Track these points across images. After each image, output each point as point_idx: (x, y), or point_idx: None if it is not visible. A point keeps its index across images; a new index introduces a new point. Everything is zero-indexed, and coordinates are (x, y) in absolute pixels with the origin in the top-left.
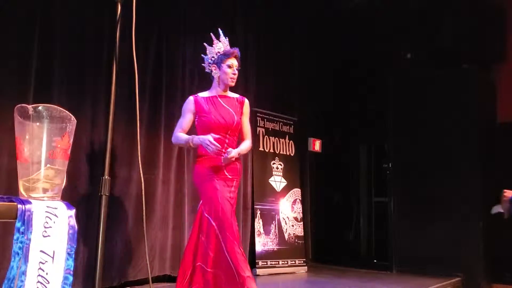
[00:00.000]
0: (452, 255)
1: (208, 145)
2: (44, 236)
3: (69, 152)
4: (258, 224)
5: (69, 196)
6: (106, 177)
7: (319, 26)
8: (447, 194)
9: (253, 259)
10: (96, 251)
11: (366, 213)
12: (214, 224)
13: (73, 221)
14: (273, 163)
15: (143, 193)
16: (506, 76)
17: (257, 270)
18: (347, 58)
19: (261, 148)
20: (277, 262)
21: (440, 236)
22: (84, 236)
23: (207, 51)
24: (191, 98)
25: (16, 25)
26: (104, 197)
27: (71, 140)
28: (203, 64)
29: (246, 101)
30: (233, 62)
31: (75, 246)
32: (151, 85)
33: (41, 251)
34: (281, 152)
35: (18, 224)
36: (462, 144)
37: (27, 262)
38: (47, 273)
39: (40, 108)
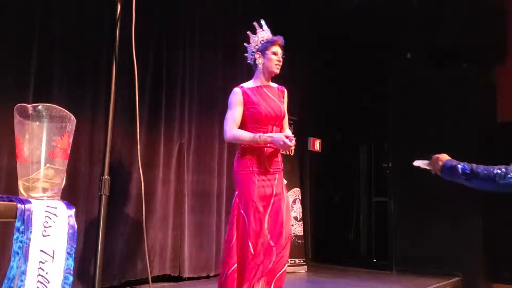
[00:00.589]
0: (452, 255)
1: (283, 145)
2: (44, 236)
3: (69, 151)
4: None
5: (69, 195)
6: (106, 176)
7: (319, 26)
8: (446, 194)
9: None
10: (96, 251)
11: (366, 213)
12: (246, 219)
13: (73, 221)
14: None
15: (143, 193)
16: (506, 75)
17: None
18: (347, 58)
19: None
20: None
21: (440, 236)
22: (84, 235)
23: (251, 40)
24: (237, 89)
25: (16, 25)
26: (104, 196)
27: (71, 139)
28: (245, 54)
29: (286, 91)
30: (278, 49)
31: (75, 246)
32: (151, 85)
33: (41, 250)
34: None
35: (17, 224)
36: (462, 144)
37: (27, 261)
38: (47, 273)
39: (40, 107)
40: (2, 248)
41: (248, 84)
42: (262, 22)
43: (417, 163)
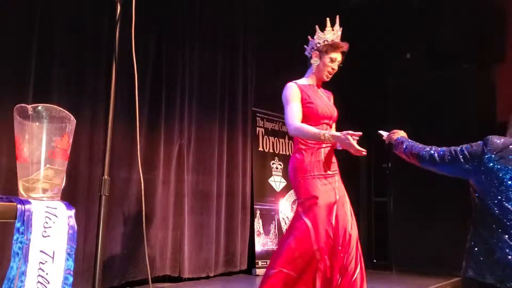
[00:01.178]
0: (452, 255)
1: (349, 143)
2: (44, 236)
3: (68, 152)
4: (258, 224)
5: (68, 196)
6: (106, 177)
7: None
8: (446, 194)
9: (252, 259)
10: (96, 251)
11: (365, 213)
12: (311, 228)
13: (73, 221)
14: (273, 163)
15: (142, 194)
16: (506, 76)
17: (256, 270)
18: (346, 58)
19: (260, 148)
20: None
21: (440, 236)
22: (84, 236)
23: (316, 35)
24: (293, 84)
25: (16, 25)
26: (103, 197)
27: (71, 140)
28: (305, 46)
29: (332, 95)
30: (338, 56)
31: (75, 246)
32: (151, 85)
33: (41, 251)
34: (281, 152)
35: (17, 224)
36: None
37: (27, 262)
38: (47, 273)
39: (39, 108)
40: (2, 249)
41: (302, 81)
42: (337, 20)
43: (381, 132)
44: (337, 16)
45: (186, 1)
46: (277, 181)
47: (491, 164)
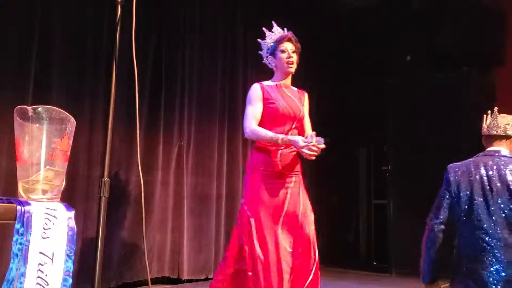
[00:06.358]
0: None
1: (300, 147)
2: (43, 238)
3: (68, 153)
4: None
5: (68, 197)
6: (106, 178)
7: (319, 27)
8: None
9: None
10: (95, 253)
11: (365, 215)
12: (254, 226)
13: (73, 223)
14: None
15: (142, 195)
16: (506, 78)
17: None
18: (346, 60)
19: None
20: None
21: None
22: (83, 237)
23: (262, 46)
24: (257, 85)
25: (16, 25)
26: (103, 198)
27: (71, 141)
28: (263, 61)
29: (306, 94)
30: (287, 46)
31: (74, 248)
32: (151, 86)
33: (40, 252)
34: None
35: (17, 226)
36: (462, 146)
37: (26, 263)
38: (46, 275)
39: (39, 109)
40: (1, 250)
41: (267, 82)
42: (274, 24)
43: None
44: (273, 22)
45: (186, 1)
46: None
47: None
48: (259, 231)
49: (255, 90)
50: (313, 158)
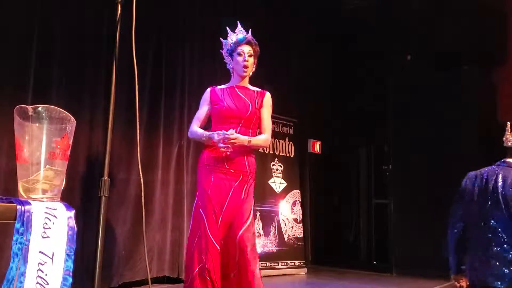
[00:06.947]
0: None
1: (213, 138)
2: (43, 237)
3: (68, 153)
4: (258, 226)
5: (68, 197)
6: (106, 178)
7: (319, 27)
8: (447, 196)
9: None
10: (95, 252)
11: (366, 215)
12: (205, 219)
13: (73, 222)
14: (273, 165)
15: (142, 195)
16: (507, 77)
17: None
18: (347, 59)
19: (260, 150)
20: (277, 264)
21: (440, 238)
22: (83, 237)
23: (223, 45)
24: (208, 89)
25: (16, 25)
26: (103, 198)
27: (71, 141)
28: (224, 60)
29: (268, 94)
30: (244, 48)
31: (74, 247)
32: (151, 86)
33: (40, 252)
34: (281, 154)
35: (17, 225)
36: (463, 146)
37: (26, 263)
38: (46, 274)
39: (39, 109)
40: (1, 250)
41: (222, 85)
42: (238, 24)
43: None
44: (238, 22)
45: (186, 2)
46: (277, 183)
47: None
48: (209, 223)
49: (205, 94)
50: (228, 150)
